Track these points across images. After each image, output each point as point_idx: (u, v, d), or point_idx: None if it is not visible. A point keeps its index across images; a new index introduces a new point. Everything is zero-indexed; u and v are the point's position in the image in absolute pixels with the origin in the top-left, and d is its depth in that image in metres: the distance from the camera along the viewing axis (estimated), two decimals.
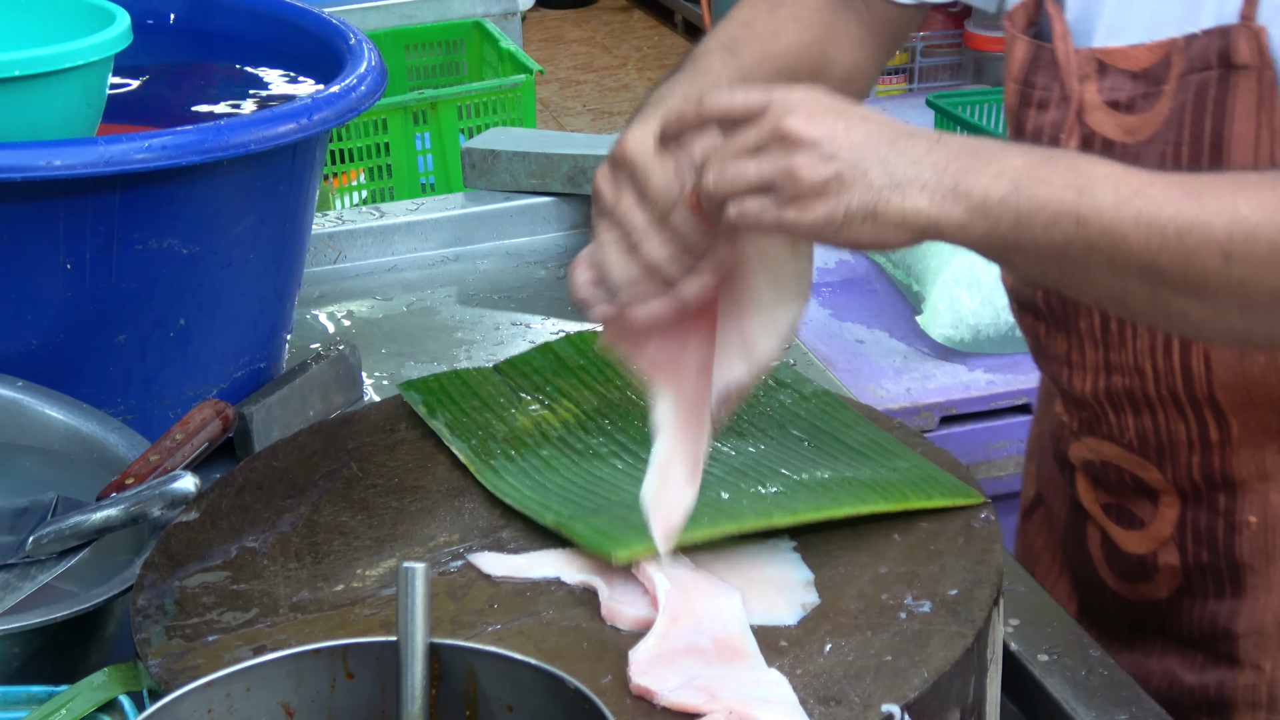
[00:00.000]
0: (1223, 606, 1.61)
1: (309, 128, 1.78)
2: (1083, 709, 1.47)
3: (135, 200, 1.70)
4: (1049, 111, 1.55)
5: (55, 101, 1.79)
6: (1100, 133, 1.51)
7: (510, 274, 2.38)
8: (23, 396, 1.70)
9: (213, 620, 1.35)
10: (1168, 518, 1.62)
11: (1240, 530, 1.58)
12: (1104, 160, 1.27)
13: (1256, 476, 1.56)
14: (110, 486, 1.61)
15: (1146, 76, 1.47)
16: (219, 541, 1.46)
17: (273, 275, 1.93)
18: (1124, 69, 1.49)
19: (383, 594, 1.38)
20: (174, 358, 1.81)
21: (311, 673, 1.15)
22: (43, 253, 1.69)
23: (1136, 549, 1.66)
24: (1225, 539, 1.59)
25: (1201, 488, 1.59)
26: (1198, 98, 1.44)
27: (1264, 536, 1.57)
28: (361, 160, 2.86)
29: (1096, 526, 1.71)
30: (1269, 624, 1.59)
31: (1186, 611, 1.64)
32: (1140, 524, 1.65)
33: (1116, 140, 1.50)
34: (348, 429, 1.64)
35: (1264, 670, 1.60)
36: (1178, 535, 1.62)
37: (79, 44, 1.78)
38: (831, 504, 1.43)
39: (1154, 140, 1.47)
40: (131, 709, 1.33)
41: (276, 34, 2.11)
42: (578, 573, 1.39)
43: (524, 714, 1.15)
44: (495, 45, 3.13)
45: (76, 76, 1.79)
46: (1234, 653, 1.61)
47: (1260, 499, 1.57)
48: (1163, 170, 1.36)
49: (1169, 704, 1.57)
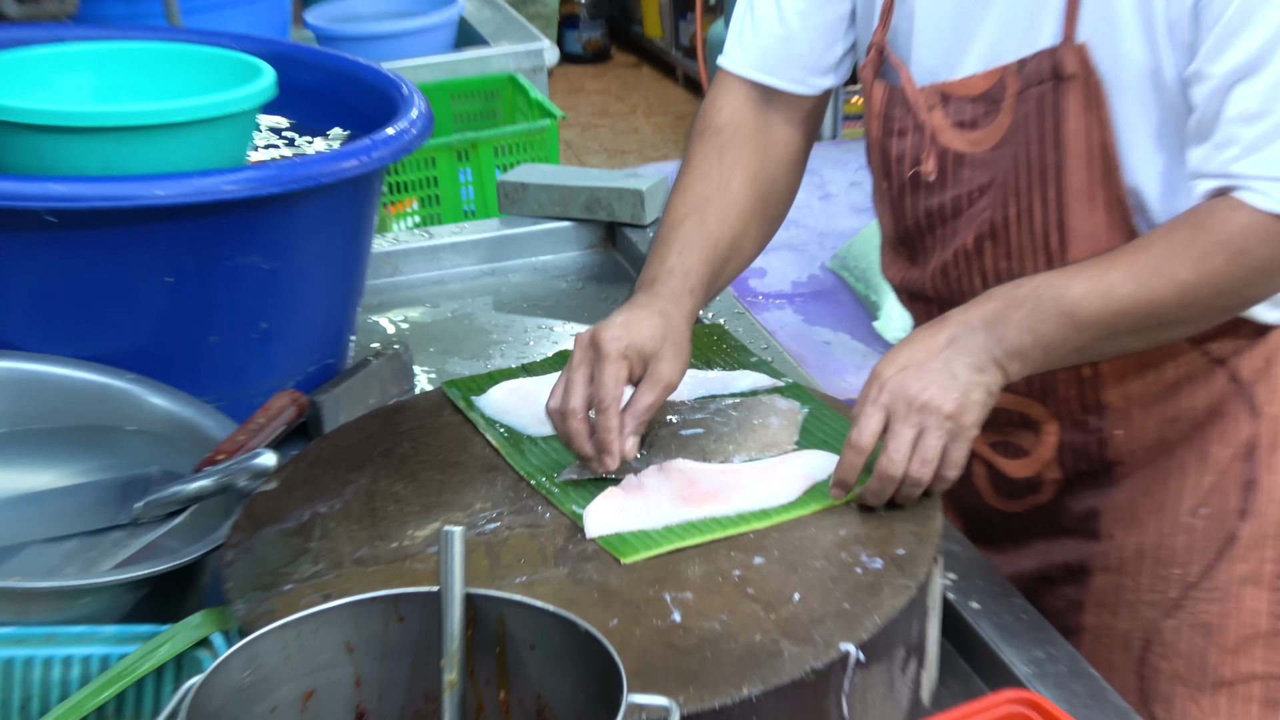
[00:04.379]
0: (1093, 497, 1.68)
1: (368, 164, 1.78)
2: (1007, 647, 1.47)
3: (224, 224, 1.70)
4: (908, 138, 1.60)
5: (218, 139, 1.80)
6: (952, 148, 1.56)
7: (537, 286, 2.38)
8: (132, 387, 1.71)
9: (288, 572, 1.36)
10: (1049, 444, 1.66)
11: (1109, 442, 1.64)
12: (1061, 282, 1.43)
13: (1120, 399, 1.61)
14: (204, 462, 1.62)
15: (985, 98, 1.52)
16: (293, 507, 1.46)
17: (339, 286, 1.93)
18: (963, 95, 1.53)
19: (429, 551, 1.38)
20: (257, 355, 1.82)
21: (369, 617, 1.16)
22: (148, 268, 1.69)
23: (1023, 474, 1.70)
24: (1098, 451, 1.65)
25: (1078, 414, 1.64)
26: (1038, 106, 1.48)
27: (1128, 441, 1.63)
28: (414, 190, 2.86)
29: (983, 463, 1.73)
30: (1122, 502, 1.66)
31: (1064, 509, 1.70)
32: (1025, 453, 1.69)
33: (966, 151, 1.55)
34: (401, 415, 1.64)
35: (1115, 538, 1.66)
36: (1058, 456, 1.66)
37: (235, 94, 1.80)
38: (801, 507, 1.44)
39: (1002, 145, 1.52)
40: (222, 645, 1.33)
41: (344, 86, 2.10)
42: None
43: (544, 652, 1.15)
44: (526, 95, 3.13)
45: (234, 121, 1.82)
46: (1096, 529, 1.68)
47: (1124, 415, 1.62)
48: (1016, 166, 1.51)
49: (1042, 580, 1.70)
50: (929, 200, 1.62)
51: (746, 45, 1.69)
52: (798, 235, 3.29)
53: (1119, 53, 1.44)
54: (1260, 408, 1.61)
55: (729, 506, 1.42)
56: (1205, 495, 1.63)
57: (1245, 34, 1.35)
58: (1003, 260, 1.58)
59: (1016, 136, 1.51)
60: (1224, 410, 1.61)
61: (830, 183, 3.56)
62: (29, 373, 1.69)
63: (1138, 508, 1.65)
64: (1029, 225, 1.54)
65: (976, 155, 1.55)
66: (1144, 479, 1.65)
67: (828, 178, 3.57)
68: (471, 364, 2.11)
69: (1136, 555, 1.66)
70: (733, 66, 1.70)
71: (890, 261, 1.77)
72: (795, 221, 3.30)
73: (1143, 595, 1.66)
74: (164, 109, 1.77)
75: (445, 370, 2.09)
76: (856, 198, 3.48)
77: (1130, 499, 1.66)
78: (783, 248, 3.23)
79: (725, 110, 1.68)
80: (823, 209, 3.43)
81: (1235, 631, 1.63)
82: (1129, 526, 1.66)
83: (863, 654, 1.25)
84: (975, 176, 1.56)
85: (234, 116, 1.81)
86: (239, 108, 1.81)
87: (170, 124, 1.75)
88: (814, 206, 3.42)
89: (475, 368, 2.09)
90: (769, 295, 3.08)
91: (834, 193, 3.52)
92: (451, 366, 2.11)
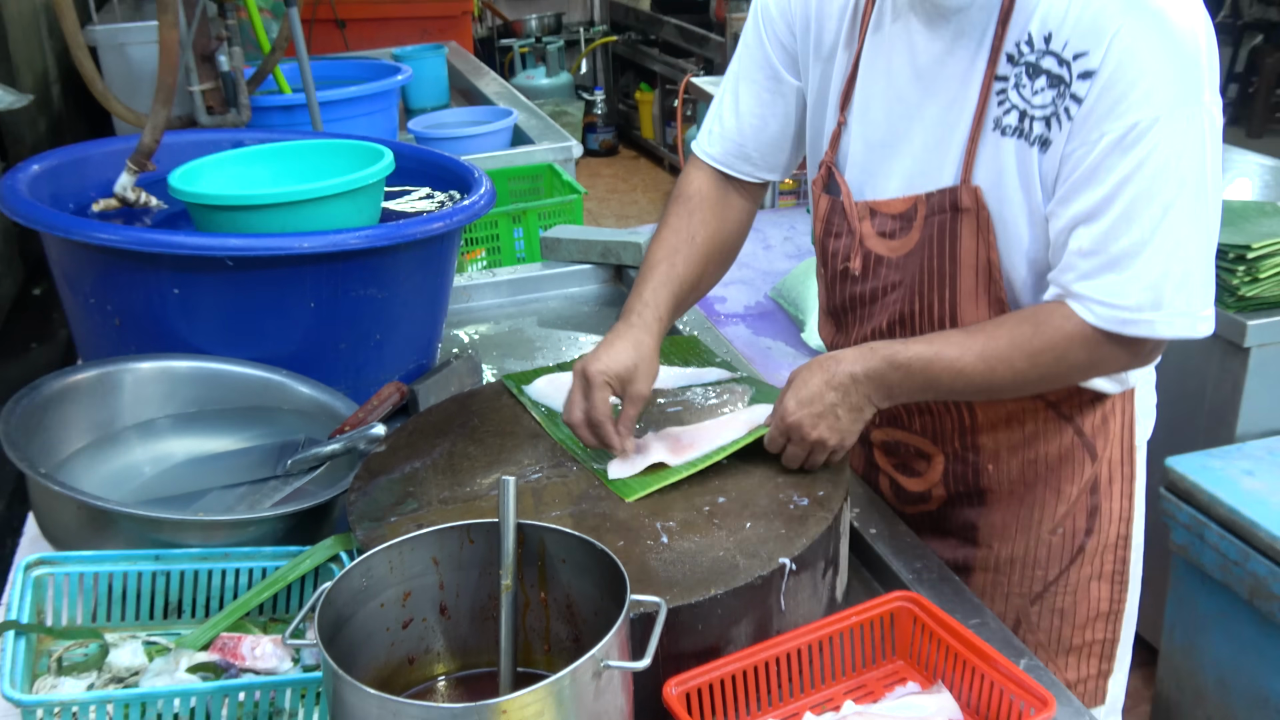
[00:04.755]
0: (971, 513, 1.59)
1: (450, 225, 1.77)
2: (895, 560, 1.46)
3: (351, 266, 1.68)
4: (842, 239, 1.51)
5: (356, 205, 1.79)
6: (875, 251, 1.47)
7: (567, 309, 2.36)
8: (285, 380, 1.69)
9: (393, 508, 1.34)
10: (937, 469, 1.58)
11: (983, 472, 1.56)
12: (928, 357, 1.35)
13: (991, 442, 1.53)
14: (335, 431, 1.61)
15: (902, 216, 1.43)
16: (397, 464, 1.44)
17: (430, 309, 1.91)
18: (886, 212, 1.45)
19: (491, 494, 1.37)
20: (372, 357, 1.79)
21: (449, 540, 1.15)
22: (297, 297, 1.68)
23: (916, 488, 1.62)
24: (974, 479, 1.57)
25: (959, 452, 1.56)
26: (939, 229, 1.41)
27: (996, 474, 1.55)
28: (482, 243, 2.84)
29: (886, 477, 1.66)
30: (996, 522, 1.57)
31: (948, 517, 1.61)
32: (918, 474, 1.61)
33: (885, 255, 1.46)
34: (473, 399, 1.62)
35: (993, 548, 1.58)
36: (944, 479, 1.59)
37: (365, 172, 1.80)
38: (747, 438, 1.42)
39: (912, 254, 1.44)
40: (347, 560, 1.32)
41: (435, 171, 2.09)
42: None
43: (572, 565, 1.14)
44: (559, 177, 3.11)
45: (366, 191, 1.81)
46: (975, 539, 1.59)
47: (994, 454, 1.54)
48: (921, 270, 1.44)
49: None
50: (855, 288, 1.52)
51: (713, 141, 1.62)
52: (747, 273, 3.27)
53: (1003, 195, 1.36)
54: (1099, 454, 1.53)
55: (702, 450, 1.41)
56: (1060, 519, 1.55)
57: (1088, 189, 1.28)
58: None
59: (923, 249, 1.43)
60: (1072, 456, 1.53)
61: (770, 237, 3.54)
62: (214, 370, 1.67)
63: (1009, 527, 1.57)
64: (929, 316, 1.45)
65: (893, 259, 1.46)
66: (1014, 505, 1.56)
67: (768, 234, 3.56)
68: (522, 363, 2.10)
69: (1009, 561, 1.58)
70: (701, 154, 1.64)
71: (824, 325, 1.66)
72: (746, 264, 3.29)
73: (1013, 589, 1.59)
74: (319, 187, 1.75)
75: (503, 367, 2.08)
76: (789, 248, 3.47)
77: (1003, 520, 1.57)
78: (737, 282, 3.22)
79: (694, 183, 1.61)
80: (765, 255, 3.42)
81: (1083, 614, 1.58)
82: (1003, 540, 1.58)
83: (794, 565, 1.23)
84: (890, 275, 1.47)
85: (366, 188, 1.80)
86: (369, 181, 1.80)
87: (325, 196, 1.74)
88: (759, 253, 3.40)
89: (524, 365, 2.08)
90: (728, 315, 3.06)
91: (773, 244, 3.51)
92: (508, 365, 2.09)
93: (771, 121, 1.58)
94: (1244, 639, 2.19)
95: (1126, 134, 1.24)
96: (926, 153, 1.41)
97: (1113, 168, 1.26)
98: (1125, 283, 1.28)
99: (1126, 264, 1.27)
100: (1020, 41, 1.32)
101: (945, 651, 1.23)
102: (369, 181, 1.80)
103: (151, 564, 1.31)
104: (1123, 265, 1.27)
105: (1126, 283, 1.28)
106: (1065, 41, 1.28)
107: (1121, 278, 1.28)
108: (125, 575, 1.31)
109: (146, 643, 1.27)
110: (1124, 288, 1.28)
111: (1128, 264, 1.27)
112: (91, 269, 1.67)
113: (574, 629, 1.15)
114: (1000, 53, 1.33)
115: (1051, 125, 1.30)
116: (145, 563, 1.31)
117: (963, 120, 1.37)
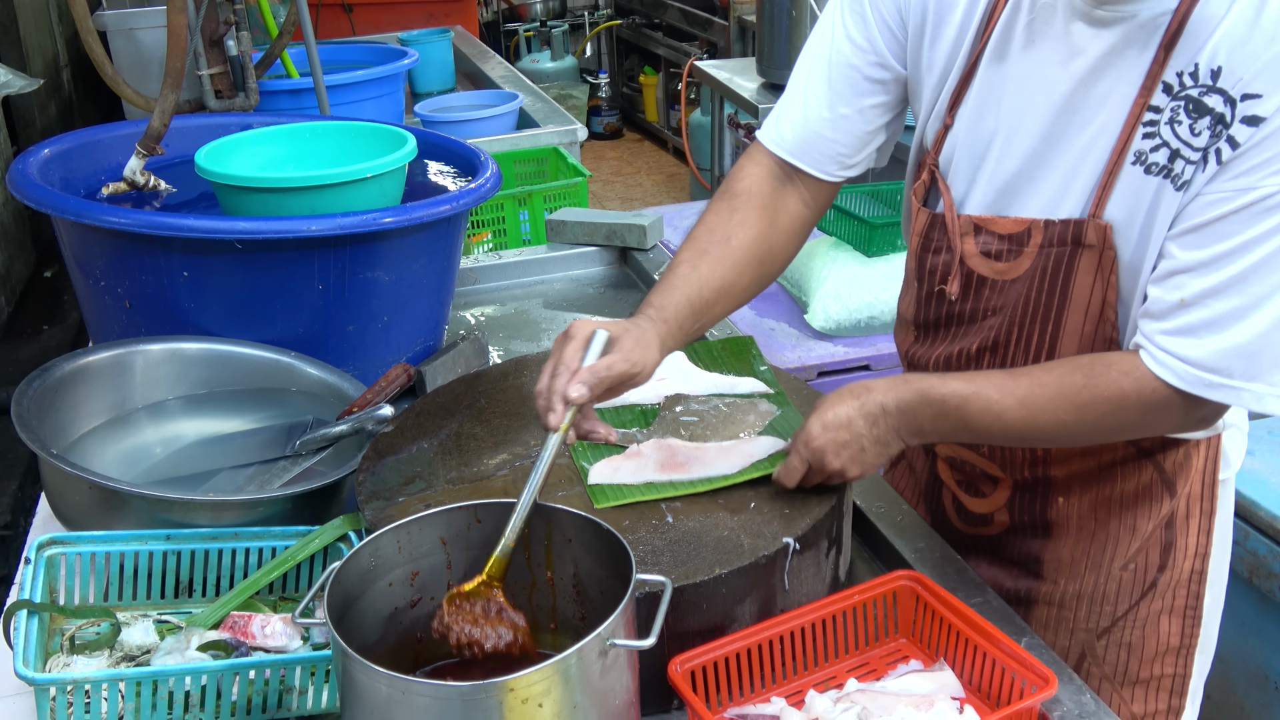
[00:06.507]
0: (1035, 544, 1.48)
1: (457, 208, 1.76)
2: (896, 539, 1.46)
3: (358, 249, 1.68)
4: (941, 255, 1.38)
5: (382, 188, 1.79)
6: (977, 271, 1.34)
7: (573, 291, 2.35)
8: (294, 361, 1.69)
9: (400, 488, 1.34)
10: (1003, 494, 1.47)
11: (1052, 505, 1.44)
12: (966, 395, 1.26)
13: (1064, 476, 1.42)
14: (344, 412, 1.60)
15: (1011, 239, 1.30)
16: (405, 444, 1.44)
17: (437, 291, 1.90)
18: (994, 231, 1.32)
19: (499, 474, 1.36)
20: (380, 339, 1.79)
21: (457, 520, 1.14)
22: (305, 279, 1.67)
23: (980, 510, 1.50)
24: (1041, 510, 1.45)
25: (1028, 481, 1.44)
26: (1055, 261, 1.28)
27: (1067, 508, 1.44)
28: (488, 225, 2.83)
29: (950, 492, 1.54)
30: (1064, 557, 1.46)
31: (1010, 545, 1.50)
32: (983, 495, 1.49)
33: (989, 277, 1.34)
34: (479, 380, 1.62)
35: (1059, 584, 1.47)
36: (1009, 505, 1.47)
37: (390, 157, 1.79)
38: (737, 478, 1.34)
39: (1019, 280, 1.31)
40: (355, 539, 1.32)
41: (442, 155, 2.08)
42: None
43: (577, 543, 1.14)
44: (565, 160, 3.10)
45: (391, 176, 1.80)
46: (1040, 571, 1.48)
47: (1065, 488, 1.43)
48: (1026, 299, 1.32)
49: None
50: (950, 307, 1.39)
51: (786, 127, 1.42)
52: None
53: (1134, 236, 1.22)
54: (1178, 490, 1.41)
55: (690, 474, 1.34)
56: (1132, 555, 1.43)
57: (1213, 241, 1.15)
58: (996, 367, 1.37)
59: (1032, 277, 1.29)
60: (1150, 494, 1.40)
61: None
62: (224, 351, 1.67)
63: (1078, 563, 1.45)
64: (1026, 347, 1.33)
65: (996, 282, 1.33)
66: (1083, 540, 1.44)
67: None
68: (527, 345, 2.09)
69: (1075, 596, 1.46)
70: (768, 143, 1.43)
71: (903, 334, 1.52)
72: None
73: (1078, 624, 1.47)
74: (348, 170, 1.75)
75: (509, 349, 2.07)
76: None
77: (1071, 555, 1.45)
78: None
79: (746, 180, 1.42)
80: None
81: (1151, 648, 1.46)
82: (1071, 576, 1.46)
83: (798, 545, 1.23)
84: (991, 299, 1.34)
85: (392, 173, 1.80)
86: (396, 165, 1.80)
87: (353, 180, 1.74)
88: None
89: (531, 347, 2.07)
90: None
91: None
92: (514, 346, 2.08)
93: (867, 111, 1.40)
94: (1244, 618, 2.19)
95: (1274, 194, 1.12)
96: (1051, 176, 1.27)
97: (1247, 226, 1.13)
98: (1220, 344, 1.16)
99: (1227, 325, 1.16)
100: (1185, 72, 1.16)
101: (947, 630, 1.22)
102: (396, 165, 1.79)
103: (162, 544, 1.31)
104: (1222, 326, 1.16)
105: (1222, 344, 1.16)
106: (1238, 78, 1.13)
107: (1218, 339, 1.16)
108: (136, 555, 1.31)
109: (158, 621, 1.27)
110: (1218, 350, 1.16)
111: (1228, 326, 1.16)
112: (102, 252, 1.67)
113: (580, 608, 1.15)
114: (1158, 80, 1.18)
115: (1198, 166, 1.16)
116: (156, 542, 1.31)
117: (1098, 148, 1.23)
